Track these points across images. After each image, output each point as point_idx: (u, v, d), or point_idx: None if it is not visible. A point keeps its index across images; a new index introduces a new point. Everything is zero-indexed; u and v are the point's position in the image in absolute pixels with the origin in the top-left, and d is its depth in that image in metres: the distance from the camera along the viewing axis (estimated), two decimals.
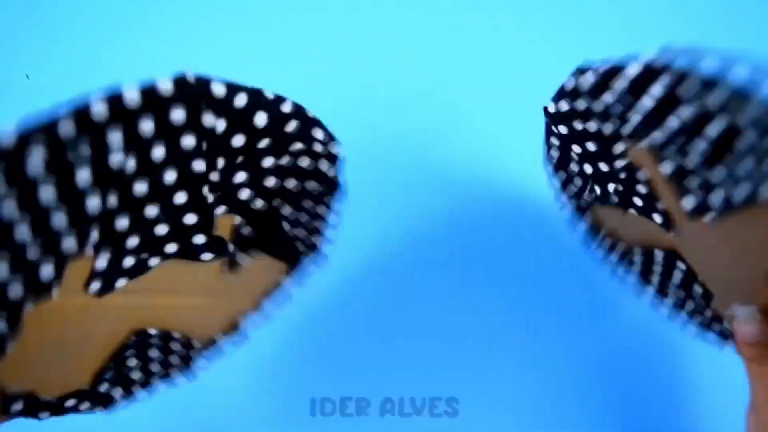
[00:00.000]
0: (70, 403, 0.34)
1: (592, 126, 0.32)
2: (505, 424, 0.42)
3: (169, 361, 0.37)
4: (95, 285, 0.31)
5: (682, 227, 0.32)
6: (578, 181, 0.36)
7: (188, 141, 0.28)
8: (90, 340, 0.34)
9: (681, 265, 0.35)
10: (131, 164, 0.27)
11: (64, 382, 0.34)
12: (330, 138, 0.33)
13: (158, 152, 0.28)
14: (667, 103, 0.28)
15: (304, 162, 0.33)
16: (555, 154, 0.36)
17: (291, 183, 0.34)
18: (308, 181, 0.34)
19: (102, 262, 0.31)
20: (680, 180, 0.31)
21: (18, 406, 0.32)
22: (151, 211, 0.30)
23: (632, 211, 0.34)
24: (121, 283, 0.32)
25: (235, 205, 0.33)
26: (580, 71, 0.31)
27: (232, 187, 0.32)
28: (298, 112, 0.31)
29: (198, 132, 0.28)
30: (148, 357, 0.36)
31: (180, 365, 0.37)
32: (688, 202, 0.31)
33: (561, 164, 0.36)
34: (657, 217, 0.33)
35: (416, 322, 0.42)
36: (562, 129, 0.33)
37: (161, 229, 0.31)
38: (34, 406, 0.33)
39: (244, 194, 0.33)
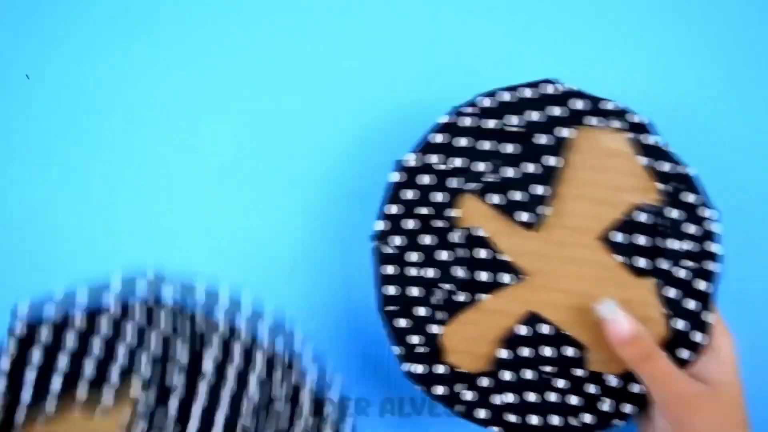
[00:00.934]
0: None
1: (424, 210, 0.37)
2: None
3: None
4: None
5: (527, 267, 0.37)
6: (421, 311, 0.37)
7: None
8: None
9: (545, 329, 0.37)
10: None
11: None
12: None
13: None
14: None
15: None
16: (391, 290, 0.37)
17: None
18: None
19: None
20: (509, 202, 0.36)
21: None
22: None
23: (481, 296, 0.37)
24: None
25: None
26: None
27: None
28: None
29: None
30: None
31: None
32: (523, 216, 0.37)
33: (400, 303, 0.37)
34: (506, 277, 0.37)
35: None
36: (411, 224, 0.37)
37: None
38: None
39: None
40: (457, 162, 0.37)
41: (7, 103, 0.44)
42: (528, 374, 0.37)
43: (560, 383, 0.37)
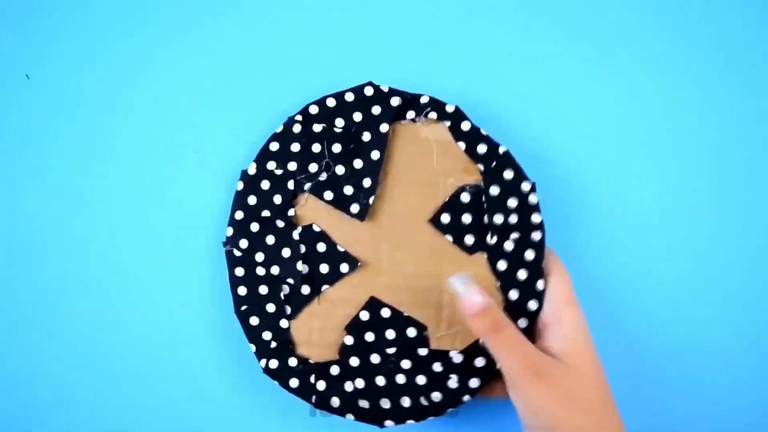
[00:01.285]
0: None
1: (266, 212, 0.39)
2: (505, 424, 0.41)
3: None
4: None
5: (363, 255, 0.39)
6: (270, 307, 0.39)
7: None
8: None
9: (386, 312, 0.39)
10: None
11: None
12: None
13: None
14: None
15: None
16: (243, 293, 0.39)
17: None
18: None
19: None
20: (340, 197, 0.39)
21: None
22: None
23: (325, 287, 0.39)
24: None
25: None
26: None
27: None
28: None
29: None
30: None
31: None
32: (354, 208, 0.39)
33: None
34: (344, 267, 0.39)
35: None
36: (256, 226, 0.39)
37: None
38: None
39: None
40: (292, 166, 0.40)
41: (7, 103, 0.44)
42: (374, 358, 0.38)
43: (406, 364, 0.38)
